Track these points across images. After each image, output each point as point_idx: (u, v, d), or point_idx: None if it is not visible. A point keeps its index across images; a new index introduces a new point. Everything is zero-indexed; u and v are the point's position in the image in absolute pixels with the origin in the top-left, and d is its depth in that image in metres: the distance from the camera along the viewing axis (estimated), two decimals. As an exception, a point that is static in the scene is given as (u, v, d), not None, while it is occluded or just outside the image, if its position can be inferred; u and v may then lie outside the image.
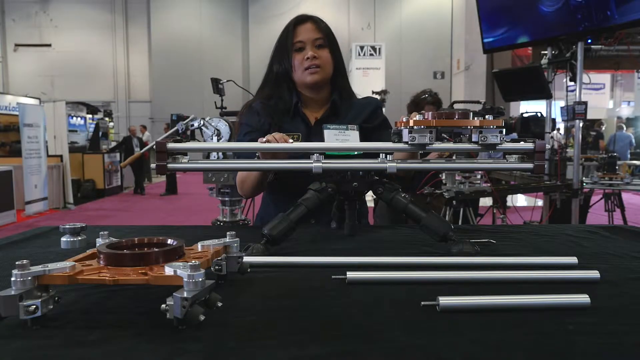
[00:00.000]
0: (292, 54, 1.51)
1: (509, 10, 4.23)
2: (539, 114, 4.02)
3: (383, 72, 12.65)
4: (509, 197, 5.32)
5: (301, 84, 1.54)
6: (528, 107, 5.17)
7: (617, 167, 4.14)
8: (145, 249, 0.79)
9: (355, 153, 1.29)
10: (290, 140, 1.23)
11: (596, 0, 3.41)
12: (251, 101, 1.61)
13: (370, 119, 1.59)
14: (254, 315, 0.70)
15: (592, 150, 7.95)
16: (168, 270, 0.66)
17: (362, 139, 1.45)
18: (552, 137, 4.26)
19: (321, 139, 1.41)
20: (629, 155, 10.20)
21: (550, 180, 3.95)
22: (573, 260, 0.98)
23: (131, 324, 0.67)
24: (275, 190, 1.58)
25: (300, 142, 1.40)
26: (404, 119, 1.17)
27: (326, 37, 1.53)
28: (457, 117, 1.15)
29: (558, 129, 4.68)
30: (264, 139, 1.23)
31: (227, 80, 3.04)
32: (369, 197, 1.60)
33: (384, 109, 1.80)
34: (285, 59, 1.53)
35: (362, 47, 12.73)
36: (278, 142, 1.21)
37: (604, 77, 14.01)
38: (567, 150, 4.38)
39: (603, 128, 11.55)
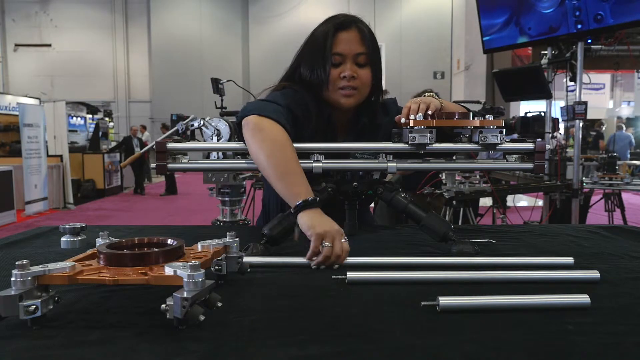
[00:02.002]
0: (330, 67, 1.26)
1: (509, 10, 4.23)
2: (543, 114, 4.03)
3: (383, 72, 12.65)
4: (509, 197, 5.32)
5: (330, 102, 1.31)
6: (528, 107, 5.17)
7: (617, 167, 4.14)
8: (145, 249, 0.79)
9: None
10: None
11: (590, 2, 3.42)
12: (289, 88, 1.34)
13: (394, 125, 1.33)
14: (254, 315, 0.70)
15: (592, 151, 7.95)
16: (168, 270, 0.66)
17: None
18: (555, 138, 4.23)
19: None
20: (628, 155, 10.20)
21: (550, 180, 3.95)
22: (569, 260, 0.98)
23: (131, 324, 0.67)
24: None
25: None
26: (404, 119, 1.17)
27: (371, 53, 1.28)
28: (457, 117, 1.16)
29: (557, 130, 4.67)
30: None
31: (227, 80, 3.03)
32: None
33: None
34: (319, 68, 1.26)
35: (362, 47, 12.72)
36: None
37: (604, 77, 14.00)
38: (567, 150, 4.38)
39: (603, 128, 11.55)
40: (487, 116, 1.14)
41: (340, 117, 1.36)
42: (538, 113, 3.91)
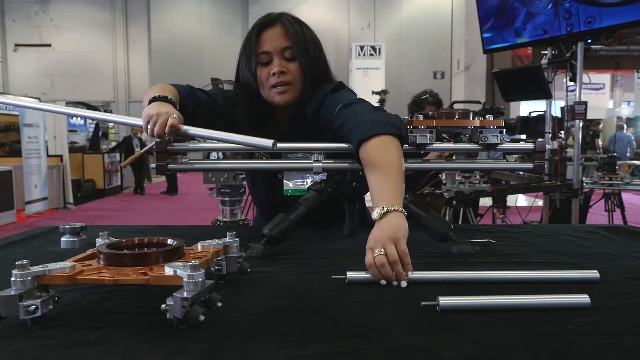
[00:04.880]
0: (257, 67, 1.27)
1: (509, 10, 4.23)
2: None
3: (383, 72, 12.66)
4: (510, 197, 5.32)
5: (269, 102, 1.31)
6: (528, 107, 5.17)
7: (617, 167, 4.13)
8: (145, 249, 0.79)
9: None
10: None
11: (581, 6, 3.43)
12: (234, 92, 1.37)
13: (329, 120, 1.23)
14: (254, 315, 0.70)
15: (591, 151, 7.94)
16: (168, 270, 0.66)
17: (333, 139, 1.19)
18: (559, 138, 4.19)
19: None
20: (629, 155, 10.20)
21: (550, 180, 3.94)
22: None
23: (131, 324, 0.67)
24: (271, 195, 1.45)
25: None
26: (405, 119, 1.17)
27: (296, 45, 1.25)
28: (457, 117, 1.16)
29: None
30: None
31: (227, 80, 3.03)
32: (368, 196, 1.60)
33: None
34: (249, 71, 1.29)
35: (362, 47, 12.75)
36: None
37: (604, 77, 14.00)
38: (567, 150, 4.37)
39: (600, 127, 11.55)
40: (487, 116, 1.14)
41: (285, 114, 1.35)
42: (542, 113, 3.90)
